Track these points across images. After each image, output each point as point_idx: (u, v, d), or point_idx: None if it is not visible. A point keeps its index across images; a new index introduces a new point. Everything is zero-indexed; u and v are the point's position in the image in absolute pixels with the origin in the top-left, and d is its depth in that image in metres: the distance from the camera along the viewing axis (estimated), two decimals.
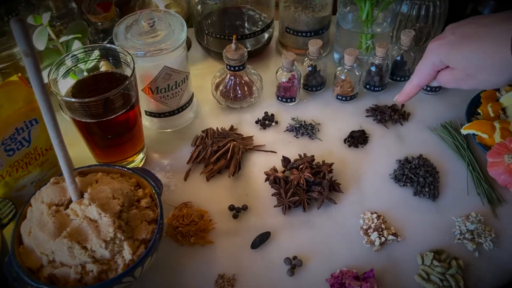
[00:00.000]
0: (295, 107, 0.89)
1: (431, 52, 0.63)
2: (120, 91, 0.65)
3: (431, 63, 0.64)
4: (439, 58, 0.62)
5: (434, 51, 0.63)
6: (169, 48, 0.72)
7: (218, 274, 0.65)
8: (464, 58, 0.59)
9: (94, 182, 0.62)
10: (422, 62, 0.66)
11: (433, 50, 0.63)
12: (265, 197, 0.74)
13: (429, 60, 0.64)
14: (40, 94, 0.48)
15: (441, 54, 0.61)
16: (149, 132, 0.84)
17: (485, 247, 0.67)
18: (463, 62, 0.59)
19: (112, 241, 0.56)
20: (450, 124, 0.83)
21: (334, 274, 0.64)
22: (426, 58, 0.65)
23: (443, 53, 0.61)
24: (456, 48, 0.59)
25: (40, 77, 0.47)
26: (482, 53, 0.57)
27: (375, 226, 0.69)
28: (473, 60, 0.58)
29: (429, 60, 0.64)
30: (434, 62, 0.63)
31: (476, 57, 0.58)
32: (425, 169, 0.76)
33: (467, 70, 0.59)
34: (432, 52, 0.63)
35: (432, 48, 0.63)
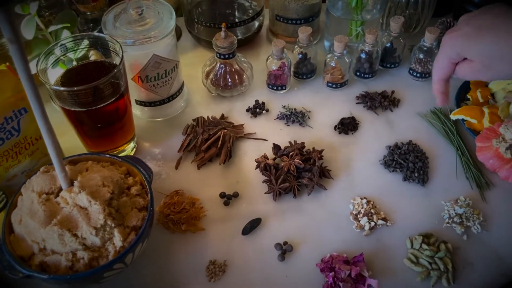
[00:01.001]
0: (285, 95, 0.89)
1: (446, 45, 0.62)
2: (108, 79, 0.65)
3: (448, 56, 0.62)
4: (455, 51, 0.61)
5: (449, 43, 0.62)
6: (158, 36, 0.72)
7: (209, 260, 0.66)
8: (481, 50, 0.58)
9: (84, 171, 0.63)
10: (438, 56, 0.65)
11: (448, 43, 0.62)
12: (256, 184, 0.75)
13: (445, 53, 0.63)
14: (27, 81, 0.48)
15: (457, 47, 0.60)
16: (140, 121, 0.84)
17: (474, 230, 0.68)
18: (480, 53, 0.58)
19: (102, 228, 0.56)
20: (440, 110, 0.84)
21: (324, 258, 0.65)
22: (442, 52, 0.64)
23: (459, 45, 0.60)
24: (473, 40, 0.58)
25: (26, 64, 0.47)
26: (500, 44, 0.56)
27: (365, 211, 0.70)
28: (491, 51, 0.57)
29: (445, 53, 0.63)
30: (451, 55, 0.62)
31: (493, 48, 0.57)
32: (414, 154, 0.76)
33: (484, 62, 0.58)
34: (447, 45, 0.62)
35: (447, 40, 0.62)
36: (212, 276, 0.64)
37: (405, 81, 0.91)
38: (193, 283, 0.63)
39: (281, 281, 0.63)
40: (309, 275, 0.64)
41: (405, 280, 0.63)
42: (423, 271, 0.64)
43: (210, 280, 0.64)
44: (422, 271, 0.64)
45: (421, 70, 0.88)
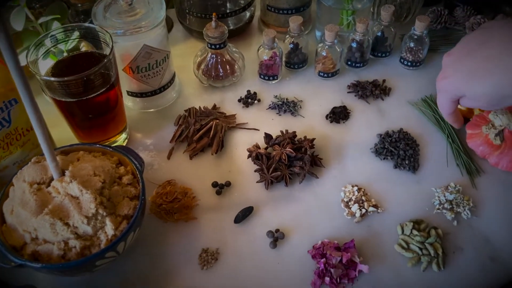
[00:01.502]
0: (277, 85, 0.90)
1: (442, 89, 0.64)
2: (98, 70, 0.65)
3: (448, 99, 0.64)
4: (454, 94, 0.62)
5: (445, 90, 0.63)
6: (148, 26, 0.72)
7: (201, 248, 0.66)
8: (484, 94, 0.58)
9: (76, 161, 0.63)
10: (438, 98, 0.66)
11: (445, 90, 0.63)
12: (248, 173, 0.75)
13: (445, 97, 0.64)
14: (15, 72, 0.48)
15: (455, 91, 0.61)
16: (132, 112, 0.84)
17: (464, 216, 0.69)
18: (484, 96, 0.58)
19: (94, 217, 0.57)
20: (431, 98, 0.84)
21: (315, 245, 0.65)
22: (441, 95, 0.65)
23: (457, 89, 0.61)
24: (470, 85, 0.59)
25: (15, 55, 0.47)
26: (501, 87, 0.56)
27: (356, 198, 0.70)
28: (494, 94, 0.57)
29: (445, 97, 0.64)
30: (451, 97, 0.63)
31: (496, 91, 0.57)
32: (405, 142, 0.77)
33: (491, 102, 0.58)
34: (444, 91, 0.63)
35: (443, 87, 0.63)
36: (205, 264, 0.64)
37: (396, 70, 0.91)
38: (185, 271, 0.64)
39: (273, 268, 0.64)
40: (300, 261, 0.64)
41: (396, 265, 0.64)
42: (413, 256, 0.64)
43: (203, 268, 0.64)
44: (412, 256, 0.64)
45: (412, 58, 0.89)
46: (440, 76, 0.64)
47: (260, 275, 0.63)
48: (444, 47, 0.93)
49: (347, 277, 0.62)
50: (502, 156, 0.72)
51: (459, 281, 0.62)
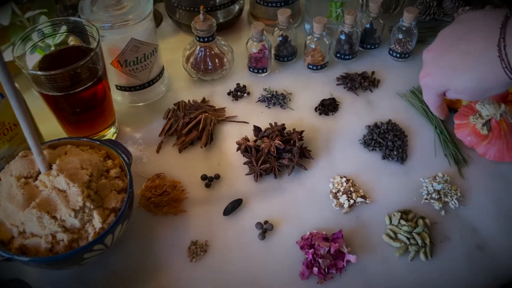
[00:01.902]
0: (267, 78, 0.90)
1: (427, 86, 0.66)
2: (85, 64, 0.64)
3: (434, 94, 0.66)
4: (439, 89, 0.64)
5: (430, 85, 0.65)
6: (136, 19, 0.72)
7: (191, 241, 0.66)
8: (467, 87, 0.59)
9: (63, 154, 0.63)
10: (424, 94, 0.68)
11: (429, 85, 0.65)
12: (237, 166, 0.75)
13: (430, 93, 0.66)
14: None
15: (439, 87, 0.63)
16: (121, 106, 0.84)
17: (451, 205, 0.69)
18: (467, 90, 0.60)
19: (81, 210, 0.57)
20: (418, 90, 0.84)
21: (304, 236, 0.66)
22: (426, 92, 0.67)
23: (441, 85, 0.63)
24: (453, 80, 0.60)
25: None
26: (483, 80, 0.57)
27: (344, 189, 0.70)
28: (477, 86, 0.58)
29: (430, 93, 0.66)
30: (437, 92, 0.65)
31: (479, 84, 0.58)
32: (393, 133, 0.77)
33: (476, 95, 0.60)
34: (428, 86, 0.66)
35: (427, 83, 0.65)
36: (194, 256, 0.65)
37: (385, 62, 0.91)
38: (175, 263, 0.64)
39: (261, 259, 0.64)
40: (289, 252, 0.65)
41: (384, 255, 0.64)
42: (401, 246, 0.65)
43: (192, 260, 0.64)
44: (400, 246, 0.65)
45: (401, 50, 0.89)
46: (422, 73, 0.65)
47: (249, 267, 0.64)
48: (433, 39, 0.92)
49: (335, 267, 0.62)
50: (490, 146, 0.73)
51: (447, 270, 0.63)
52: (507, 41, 0.53)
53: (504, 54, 0.54)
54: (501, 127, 0.71)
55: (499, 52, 0.54)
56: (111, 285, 0.63)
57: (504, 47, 0.54)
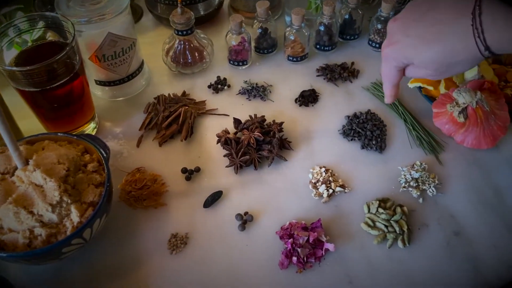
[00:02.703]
0: (247, 71, 0.90)
1: (388, 57, 0.61)
2: (60, 59, 0.64)
3: (393, 66, 0.61)
4: (401, 61, 0.60)
5: (392, 57, 0.60)
6: (112, 13, 0.72)
7: (171, 233, 0.66)
8: (433, 60, 0.56)
9: (41, 150, 0.63)
10: (384, 66, 0.63)
11: (391, 56, 0.60)
12: (218, 158, 0.76)
13: (390, 64, 0.62)
14: None
15: (403, 58, 0.59)
16: (101, 101, 0.84)
17: (429, 193, 0.70)
18: (433, 63, 0.56)
19: (58, 204, 0.57)
20: (380, 84, 0.85)
21: (283, 226, 0.66)
22: (386, 64, 0.63)
23: (404, 56, 0.58)
24: (420, 51, 0.56)
25: None
26: (452, 51, 0.54)
27: (323, 179, 0.71)
28: (444, 59, 0.55)
29: (390, 64, 0.62)
30: (397, 64, 0.61)
31: (446, 57, 0.55)
32: (372, 123, 0.78)
33: (440, 69, 0.57)
34: (389, 58, 0.61)
35: (389, 53, 0.60)
36: (174, 249, 0.65)
37: (365, 52, 0.92)
38: (155, 256, 0.64)
39: (241, 250, 0.65)
40: (269, 242, 0.65)
41: (362, 243, 0.65)
42: (379, 234, 0.65)
43: (172, 252, 0.65)
44: (378, 234, 0.65)
45: (380, 40, 0.89)
46: (386, 43, 0.61)
47: (229, 257, 0.64)
48: None
49: (314, 256, 0.63)
50: (467, 134, 0.73)
51: (425, 256, 0.64)
52: (483, 9, 0.51)
53: (478, 22, 0.51)
54: (477, 115, 0.72)
55: (472, 20, 0.51)
56: (92, 279, 0.63)
57: (480, 15, 0.51)
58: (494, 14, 0.50)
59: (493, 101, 0.73)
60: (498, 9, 0.51)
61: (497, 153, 0.74)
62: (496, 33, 0.51)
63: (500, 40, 0.51)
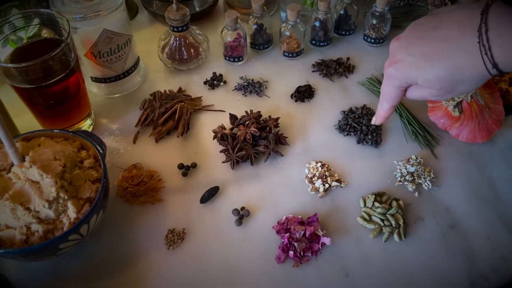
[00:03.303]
0: (243, 67, 0.90)
1: (391, 77, 0.60)
2: (55, 55, 0.64)
3: (396, 86, 0.60)
4: (404, 81, 0.58)
5: (394, 75, 0.59)
6: (107, 9, 0.72)
7: (168, 229, 0.67)
8: (438, 78, 0.55)
9: (37, 146, 0.63)
10: (385, 86, 0.62)
11: (393, 75, 0.59)
12: (214, 154, 0.76)
13: (393, 84, 0.60)
14: None
15: (406, 78, 0.58)
16: (97, 98, 0.84)
17: (424, 187, 0.70)
18: (437, 82, 0.55)
19: (55, 201, 0.57)
20: (377, 77, 0.86)
21: (280, 221, 0.66)
22: (388, 83, 0.61)
23: (407, 76, 0.57)
24: (424, 69, 0.55)
25: None
26: (458, 69, 0.53)
27: (320, 174, 0.71)
28: (450, 77, 0.54)
29: (393, 84, 0.60)
30: (400, 84, 0.60)
31: (452, 74, 0.53)
32: (368, 118, 0.78)
33: (445, 88, 0.56)
34: (392, 76, 0.59)
35: (391, 72, 0.59)
36: (171, 244, 0.65)
37: (360, 48, 0.92)
38: (152, 251, 0.65)
39: (238, 245, 0.65)
40: (265, 237, 0.66)
41: (358, 237, 0.65)
42: (375, 228, 0.66)
43: (169, 248, 0.65)
44: (374, 228, 0.66)
45: (375, 35, 0.90)
46: (388, 62, 0.60)
47: (226, 252, 0.64)
48: (407, 23, 0.94)
49: (311, 250, 0.63)
50: (462, 128, 0.74)
51: (420, 250, 0.64)
52: (489, 26, 0.50)
53: (485, 39, 0.50)
54: (472, 109, 0.72)
55: (479, 37, 0.50)
56: (90, 275, 0.63)
57: (486, 32, 0.50)
58: (501, 30, 0.49)
59: (488, 95, 0.73)
60: (505, 25, 0.49)
61: (491, 147, 0.75)
62: (504, 50, 0.50)
63: (509, 56, 0.50)
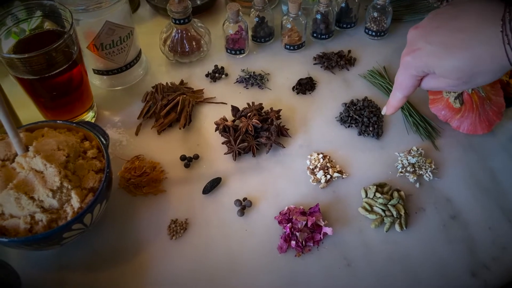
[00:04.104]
0: (244, 59, 0.90)
1: (409, 65, 0.58)
2: (58, 46, 0.65)
3: (413, 75, 0.59)
4: (421, 70, 0.57)
5: (412, 64, 0.57)
6: (110, 1, 0.72)
7: (170, 219, 0.67)
8: (457, 69, 0.53)
9: (40, 137, 0.63)
10: (401, 74, 0.61)
11: (411, 63, 0.58)
12: (216, 146, 0.76)
13: (409, 73, 0.59)
14: None
15: (424, 66, 0.56)
16: (99, 91, 0.84)
17: (425, 178, 0.71)
18: (456, 72, 0.54)
19: (59, 190, 0.57)
20: (384, 69, 0.86)
21: (282, 211, 0.67)
22: (405, 71, 0.59)
23: (425, 64, 0.56)
24: (443, 59, 0.54)
25: None
26: (478, 59, 0.52)
27: (321, 165, 0.72)
28: (469, 68, 0.53)
29: (409, 73, 0.59)
30: (417, 73, 0.58)
31: (471, 65, 0.52)
32: (369, 110, 0.78)
33: (462, 79, 0.54)
34: (409, 65, 0.58)
35: (409, 61, 0.58)
36: (174, 234, 0.65)
37: (361, 41, 0.92)
38: (155, 241, 0.65)
39: (240, 235, 0.65)
40: (267, 227, 0.66)
41: (360, 227, 0.66)
42: (377, 218, 0.66)
43: (172, 238, 0.65)
44: (376, 218, 0.66)
45: (376, 28, 0.90)
46: (406, 50, 0.59)
47: (228, 242, 0.65)
48: (408, 16, 0.95)
49: (313, 240, 0.64)
50: (463, 120, 0.74)
51: (421, 240, 0.64)
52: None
53: (509, 28, 0.48)
54: (473, 100, 0.73)
55: (502, 26, 0.49)
56: (93, 265, 0.63)
57: (510, 21, 0.48)
58: None
59: (489, 87, 0.73)
60: None
61: (492, 138, 0.75)
62: None
63: None
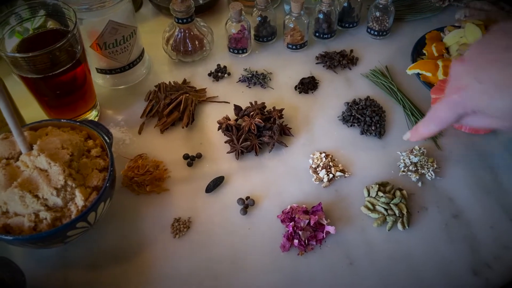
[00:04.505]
0: (247, 59, 0.90)
1: (457, 105, 0.54)
2: (62, 45, 0.65)
3: (458, 114, 0.54)
4: (471, 110, 0.53)
5: (461, 104, 0.53)
6: (113, 1, 0.72)
7: (174, 218, 0.67)
8: (509, 108, 0.49)
9: (44, 135, 0.63)
10: (442, 111, 0.56)
11: (460, 104, 0.53)
12: (219, 144, 0.76)
13: (455, 111, 0.54)
14: None
15: (473, 107, 0.52)
16: (102, 90, 0.85)
17: (428, 177, 0.71)
18: (508, 112, 0.50)
19: (63, 188, 0.58)
20: (387, 68, 0.86)
21: (284, 210, 0.67)
22: (449, 109, 0.55)
23: (476, 105, 0.52)
24: (496, 99, 0.49)
25: None
26: None
27: (324, 164, 0.72)
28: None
29: (455, 111, 0.54)
30: (465, 113, 0.54)
31: None
32: (371, 109, 0.78)
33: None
34: (458, 105, 0.53)
35: (457, 101, 0.53)
36: (177, 233, 0.66)
37: (364, 40, 0.92)
38: (158, 240, 0.65)
39: (243, 233, 0.66)
40: (270, 226, 0.66)
41: (362, 226, 0.66)
42: (379, 217, 0.66)
43: (175, 236, 0.66)
44: (378, 217, 0.66)
45: (378, 28, 0.90)
46: (452, 88, 0.54)
47: (231, 241, 0.65)
48: (411, 16, 0.95)
49: (315, 239, 0.64)
50: None
51: (424, 239, 0.65)
52: None
53: None
54: None
55: None
56: (97, 263, 0.64)
57: None
58: None
59: None
60: None
61: (494, 138, 0.75)
62: None
63: None
